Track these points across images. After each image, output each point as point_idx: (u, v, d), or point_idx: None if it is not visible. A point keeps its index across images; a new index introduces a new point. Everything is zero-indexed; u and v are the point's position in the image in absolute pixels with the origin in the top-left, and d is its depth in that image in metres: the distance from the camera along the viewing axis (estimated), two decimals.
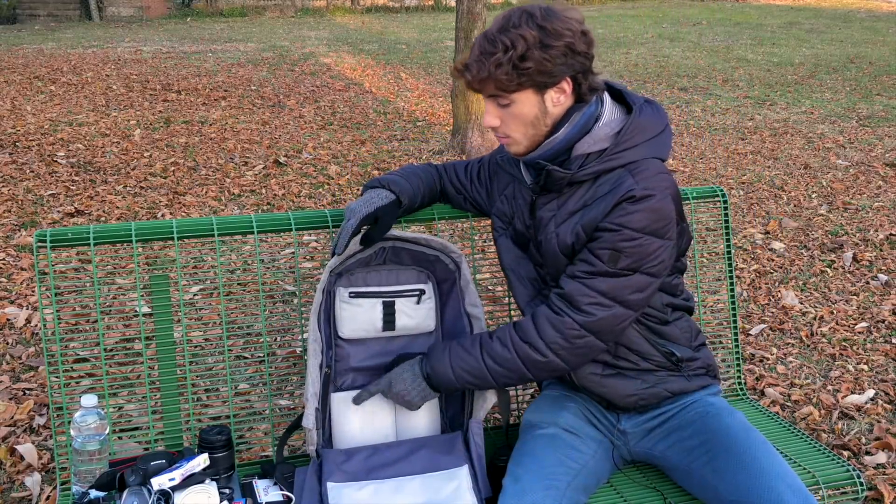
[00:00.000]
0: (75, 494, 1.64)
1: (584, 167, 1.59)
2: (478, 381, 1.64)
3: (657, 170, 1.57)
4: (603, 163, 1.58)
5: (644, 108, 1.61)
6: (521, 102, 1.56)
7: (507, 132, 1.61)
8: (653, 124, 1.61)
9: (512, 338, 1.61)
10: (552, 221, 1.65)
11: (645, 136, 1.59)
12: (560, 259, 1.64)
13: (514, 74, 1.52)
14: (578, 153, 1.60)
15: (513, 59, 1.50)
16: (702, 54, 11.90)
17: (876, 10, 18.35)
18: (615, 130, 1.59)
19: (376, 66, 10.82)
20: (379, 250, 1.79)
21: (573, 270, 1.59)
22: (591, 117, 1.58)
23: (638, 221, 1.53)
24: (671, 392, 1.72)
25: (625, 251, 1.54)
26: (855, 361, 3.17)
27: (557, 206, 1.65)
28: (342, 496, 1.62)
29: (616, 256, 1.54)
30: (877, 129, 7.39)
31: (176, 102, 8.09)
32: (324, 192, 5.28)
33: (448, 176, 1.93)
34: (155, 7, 17.02)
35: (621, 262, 1.54)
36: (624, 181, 1.56)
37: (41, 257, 1.76)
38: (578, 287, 1.56)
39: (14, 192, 5.05)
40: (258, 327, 2.08)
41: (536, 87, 1.55)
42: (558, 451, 1.64)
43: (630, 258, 1.54)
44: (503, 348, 1.61)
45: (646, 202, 1.52)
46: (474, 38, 6.03)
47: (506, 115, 1.59)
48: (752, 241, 4.48)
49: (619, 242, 1.53)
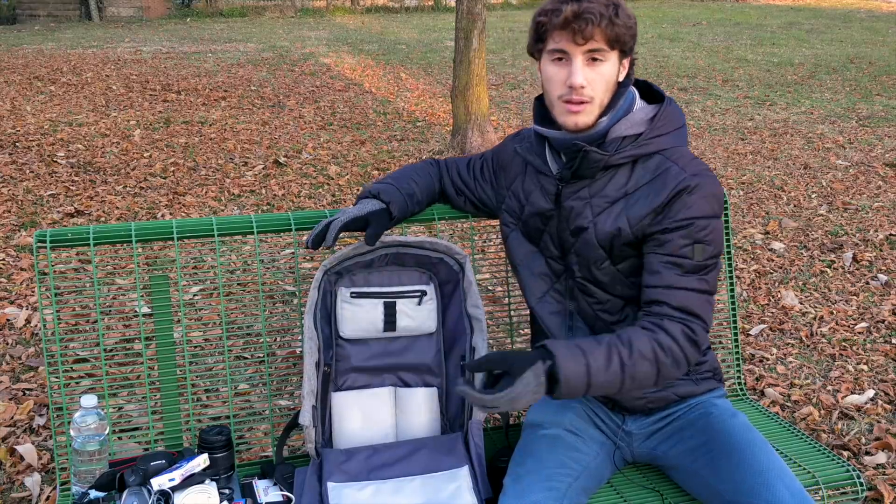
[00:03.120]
0: (75, 495, 1.64)
1: (620, 150, 1.59)
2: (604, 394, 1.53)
3: (691, 154, 1.60)
4: (639, 147, 1.59)
5: (671, 100, 1.66)
6: (611, 63, 1.56)
7: (590, 94, 1.55)
8: (678, 115, 1.65)
9: (657, 355, 1.51)
10: (587, 209, 1.62)
11: (675, 125, 1.62)
12: (596, 251, 1.61)
13: (627, 30, 1.53)
14: (615, 136, 1.59)
15: (628, 13, 1.53)
16: (702, 54, 11.90)
17: (876, 10, 18.35)
18: (649, 116, 1.61)
19: (376, 66, 10.82)
20: (381, 254, 1.79)
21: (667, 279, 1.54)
22: (631, 102, 1.62)
23: (702, 209, 1.54)
24: (679, 395, 1.72)
25: (706, 240, 1.55)
26: (855, 361, 3.17)
27: (589, 193, 1.62)
28: (342, 496, 1.62)
29: (700, 249, 1.54)
30: (877, 129, 7.39)
31: (176, 103, 8.09)
32: (324, 193, 5.28)
33: (450, 175, 1.90)
34: (155, 7, 17.02)
35: (706, 253, 1.55)
36: (668, 169, 1.56)
37: (41, 257, 1.76)
38: (687, 296, 1.54)
39: (14, 193, 5.05)
40: (258, 327, 2.08)
41: (622, 52, 1.57)
42: (560, 452, 1.64)
43: (711, 245, 1.56)
44: (644, 364, 1.51)
45: (701, 189, 1.54)
46: (474, 38, 6.04)
47: (594, 76, 1.54)
48: (752, 242, 4.48)
49: (696, 234, 1.54)
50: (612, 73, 1.56)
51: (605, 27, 1.50)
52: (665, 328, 1.52)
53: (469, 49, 6.06)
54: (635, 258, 1.61)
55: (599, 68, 1.54)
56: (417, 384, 1.84)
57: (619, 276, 1.62)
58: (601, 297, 1.65)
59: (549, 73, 1.58)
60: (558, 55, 1.56)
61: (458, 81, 6.19)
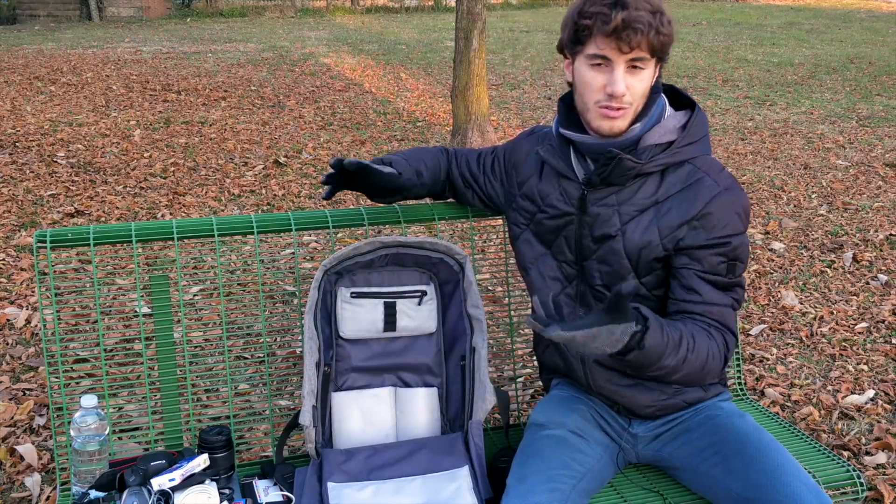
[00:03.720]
0: (75, 495, 1.64)
1: (653, 158, 1.57)
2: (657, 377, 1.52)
3: (720, 164, 1.60)
4: (671, 155, 1.57)
5: (698, 107, 1.64)
6: (650, 70, 1.54)
7: (629, 101, 1.53)
8: (705, 123, 1.64)
9: (708, 359, 1.52)
10: (615, 217, 1.59)
11: (703, 132, 1.61)
12: (622, 260, 1.59)
13: (668, 38, 1.51)
14: (647, 144, 1.58)
15: (670, 22, 1.50)
16: (702, 54, 11.90)
17: (876, 10, 18.35)
18: (681, 123, 1.60)
19: (376, 66, 10.82)
20: (381, 254, 1.79)
21: (705, 296, 1.55)
22: (662, 109, 1.60)
23: (736, 226, 1.55)
24: (688, 403, 1.72)
25: (741, 258, 1.56)
26: (855, 361, 3.17)
27: (618, 200, 1.60)
28: (342, 496, 1.62)
29: (734, 266, 1.56)
30: (877, 129, 7.39)
31: (176, 103, 8.09)
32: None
33: (458, 166, 1.86)
34: (155, 7, 17.03)
35: (739, 269, 1.57)
36: (701, 180, 1.55)
37: (41, 258, 1.76)
38: (723, 312, 1.56)
39: (14, 193, 5.05)
40: (258, 328, 2.08)
41: (658, 59, 1.54)
42: (564, 453, 1.63)
43: (742, 261, 1.57)
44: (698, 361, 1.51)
45: (735, 206, 1.54)
46: (474, 38, 6.04)
47: (633, 83, 1.52)
48: (752, 242, 4.48)
49: (732, 252, 1.55)
50: (650, 78, 1.54)
51: (652, 37, 1.47)
52: (714, 336, 1.55)
53: (469, 49, 6.06)
54: (661, 271, 1.60)
55: (640, 75, 1.51)
56: (417, 384, 1.84)
57: (642, 288, 1.62)
58: None
59: (586, 78, 1.53)
60: (599, 60, 1.51)
61: (458, 81, 6.19)
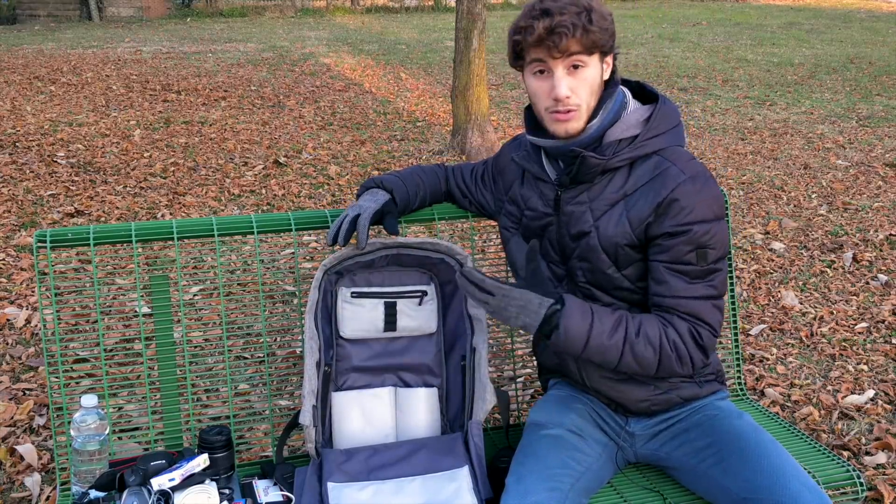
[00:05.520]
0: (75, 495, 1.64)
1: (617, 153, 1.59)
2: (599, 363, 1.58)
3: (689, 154, 1.60)
4: (636, 149, 1.58)
5: (665, 99, 1.64)
6: (593, 67, 1.55)
7: (576, 102, 1.56)
8: (674, 114, 1.64)
9: (662, 345, 1.55)
10: (587, 214, 1.62)
11: (670, 125, 1.61)
12: (598, 255, 1.61)
13: (602, 33, 1.52)
14: (611, 139, 1.59)
15: (602, 15, 1.52)
16: (702, 54, 11.90)
17: (876, 10, 18.35)
18: (644, 117, 1.61)
19: (376, 66, 10.82)
20: (382, 255, 1.79)
21: (674, 289, 1.55)
22: (621, 104, 1.61)
23: (703, 213, 1.54)
24: (683, 398, 1.72)
25: (709, 245, 1.54)
26: (855, 362, 3.17)
27: (589, 198, 1.62)
28: (342, 496, 1.62)
29: (704, 253, 1.54)
30: (877, 129, 7.39)
31: (176, 103, 8.09)
32: (324, 193, 5.28)
33: (455, 178, 1.94)
34: (155, 7, 17.03)
35: (710, 257, 1.55)
36: (667, 169, 1.56)
37: (41, 258, 1.76)
38: (695, 304, 1.55)
39: (14, 193, 5.05)
40: (258, 328, 2.08)
41: (602, 52, 1.55)
42: (563, 452, 1.64)
43: (715, 248, 1.55)
44: (647, 348, 1.55)
45: (701, 193, 1.53)
46: (474, 38, 6.04)
47: (576, 83, 1.54)
48: (752, 242, 4.48)
49: (699, 239, 1.54)
50: (596, 75, 1.56)
51: (581, 36, 1.50)
52: (674, 325, 1.55)
53: (469, 49, 6.06)
54: (640, 262, 1.61)
55: (581, 74, 1.54)
56: (418, 384, 1.84)
57: (625, 280, 1.62)
58: (605, 300, 1.65)
59: (533, 87, 1.59)
60: (539, 68, 1.56)
61: (458, 81, 6.19)
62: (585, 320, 1.52)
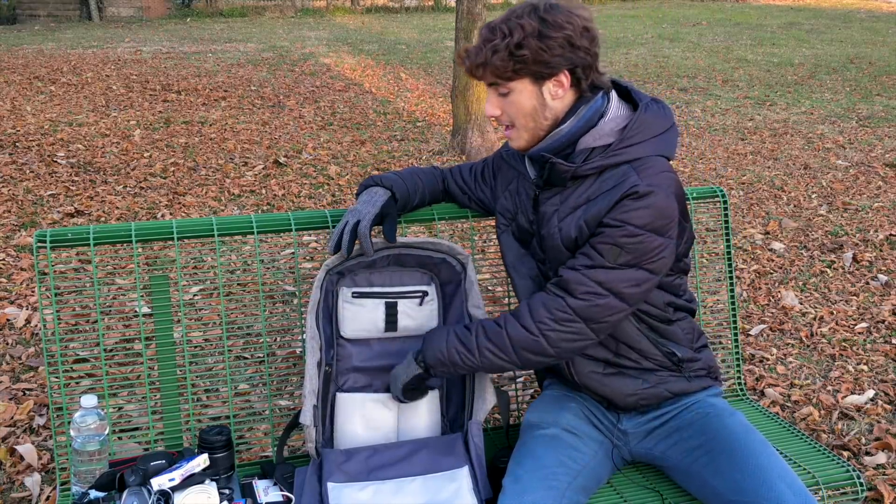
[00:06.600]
0: (75, 495, 1.64)
1: (588, 161, 1.60)
2: (468, 357, 1.62)
3: (662, 167, 1.58)
4: (607, 158, 1.58)
5: (650, 106, 1.62)
6: (519, 92, 1.59)
7: (509, 121, 1.64)
8: (658, 122, 1.61)
9: (505, 316, 1.63)
10: (555, 216, 1.65)
11: (650, 133, 1.60)
12: (562, 253, 1.64)
13: (509, 62, 1.55)
14: (583, 147, 1.60)
15: (509, 46, 1.54)
16: (702, 55, 11.90)
17: (876, 10, 18.35)
18: (620, 126, 1.60)
19: (376, 66, 10.82)
20: (383, 255, 1.79)
21: (573, 263, 1.59)
22: (596, 112, 1.60)
23: (640, 218, 1.53)
24: (672, 392, 1.73)
25: (626, 247, 1.54)
26: (855, 362, 3.17)
27: (560, 200, 1.65)
28: (342, 496, 1.62)
29: (617, 252, 1.54)
30: (877, 129, 7.39)
31: (176, 103, 8.09)
32: (324, 193, 5.28)
33: (453, 177, 1.96)
34: (155, 7, 17.03)
35: (621, 258, 1.55)
36: (628, 177, 1.56)
37: (41, 257, 1.76)
38: (576, 276, 1.57)
39: (14, 193, 5.05)
40: (258, 328, 2.08)
41: (533, 77, 1.57)
42: (559, 451, 1.65)
43: (630, 254, 1.55)
44: (494, 324, 1.63)
45: (648, 199, 1.53)
46: (474, 38, 6.04)
47: (506, 104, 1.62)
48: (752, 242, 4.48)
49: (620, 238, 1.54)
50: (526, 99, 1.60)
51: (490, 69, 1.58)
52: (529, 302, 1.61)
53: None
54: None
55: (509, 99, 1.61)
56: None
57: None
58: None
59: None
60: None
61: (458, 81, 6.19)
62: (443, 329, 1.68)
